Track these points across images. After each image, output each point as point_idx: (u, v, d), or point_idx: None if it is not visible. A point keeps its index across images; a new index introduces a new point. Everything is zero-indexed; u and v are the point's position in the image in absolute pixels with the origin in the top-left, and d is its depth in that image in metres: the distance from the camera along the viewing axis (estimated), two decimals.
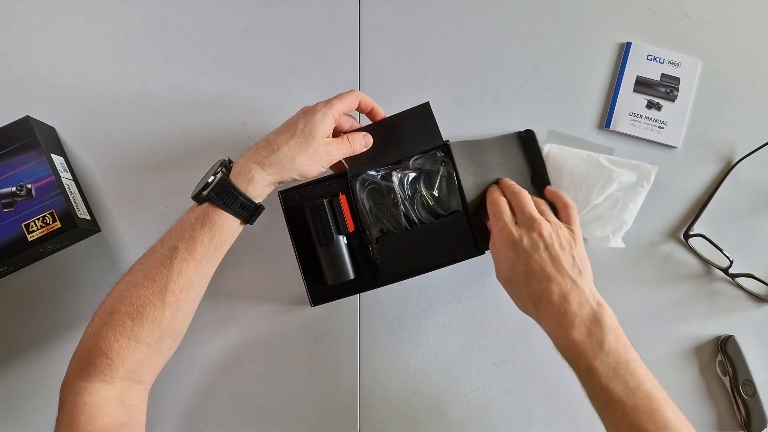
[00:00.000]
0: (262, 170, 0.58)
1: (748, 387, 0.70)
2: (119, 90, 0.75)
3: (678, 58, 0.76)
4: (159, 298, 0.55)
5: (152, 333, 0.56)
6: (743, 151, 0.74)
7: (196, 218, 0.57)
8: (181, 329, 0.60)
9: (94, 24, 0.76)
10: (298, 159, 0.58)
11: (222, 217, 0.57)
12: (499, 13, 0.77)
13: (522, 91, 0.76)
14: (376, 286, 0.67)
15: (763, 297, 0.73)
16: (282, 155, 0.58)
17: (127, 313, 0.55)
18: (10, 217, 0.66)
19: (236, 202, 0.57)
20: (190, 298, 0.58)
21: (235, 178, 0.58)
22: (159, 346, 0.58)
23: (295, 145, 0.58)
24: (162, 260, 0.56)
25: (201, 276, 0.58)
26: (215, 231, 0.57)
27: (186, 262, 0.56)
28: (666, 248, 0.74)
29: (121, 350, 0.55)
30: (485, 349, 0.72)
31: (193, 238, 0.56)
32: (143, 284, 0.56)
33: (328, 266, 0.65)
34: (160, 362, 0.60)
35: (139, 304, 0.55)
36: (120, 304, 0.56)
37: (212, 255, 0.58)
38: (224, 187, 0.57)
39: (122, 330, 0.55)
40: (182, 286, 0.56)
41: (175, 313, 0.57)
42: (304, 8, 0.77)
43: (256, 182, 0.58)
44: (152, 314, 0.55)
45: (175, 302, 0.56)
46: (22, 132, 0.68)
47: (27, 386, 0.70)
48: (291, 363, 0.71)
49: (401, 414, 0.71)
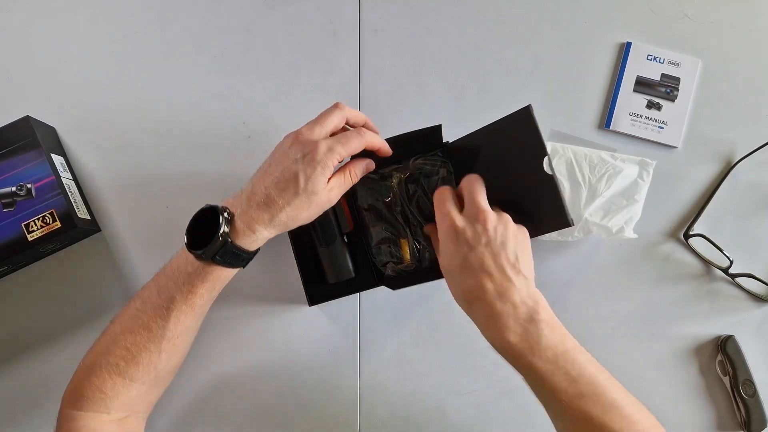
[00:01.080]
0: (266, 230, 0.56)
1: (748, 387, 0.70)
2: (119, 90, 0.75)
3: (678, 58, 0.76)
4: (155, 345, 0.56)
5: (147, 374, 0.57)
6: (743, 151, 0.74)
7: (195, 273, 0.56)
8: (177, 365, 0.61)
9: (94, 24, 0.76)
10: (301, 216, 0.56)
11: (223, 272, 0.57)
12: (499, 13, 0.77)
13: (522, 91, 0.76)
14: (374, 285, 0.67)
15: (763, 297, 0.73)
16: (285, 216, 0.55)
17: (122, 356, 0.56)
18: (10, 217, 0.66)
19: (239, 260, 0.56)
20: (186, 341, 0.59)
21: (239, 240, 0.55)
22: (155, 383, 0.59)
23: (298, 205, 0.55)
24: (158, 310, 0.56)
25: (198, 320, 0.59)
26: (216, 284, 0.57)
27: (184, 314, 0.56)
28: (666, 248, 0.74)
29: (115, 387, 0.56)
30: (485, 349, 0.72)
31: (192, 292, 0.56)
32: (139, 332, 0.56)
33: (329, 265, 0.65)
34: (156, 394, 0.62)
35: (135, 350, 0.56)
36: (115, 347, 0.56)
37: (210, 301, 0.59)
38: (229, 250, 0.55)
39: (117, 370, 0.56)
40: (179, 334, 0.57)
41: (171, 356, 0.58)
42: (304, 8, 0.77)
43: (259, 240, 0.56)
44: (148, 359, 0.56)
45: (171, 348, 0.57)
46: (22, 132, 0.68)
47: (27, 386, 0.70)
48: (290, 363, 0.71)
49: (401, 414, 0.71)
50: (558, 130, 0.75)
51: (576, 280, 0.73)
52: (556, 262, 0.72)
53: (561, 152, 0.72)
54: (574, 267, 0.73)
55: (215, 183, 0.73)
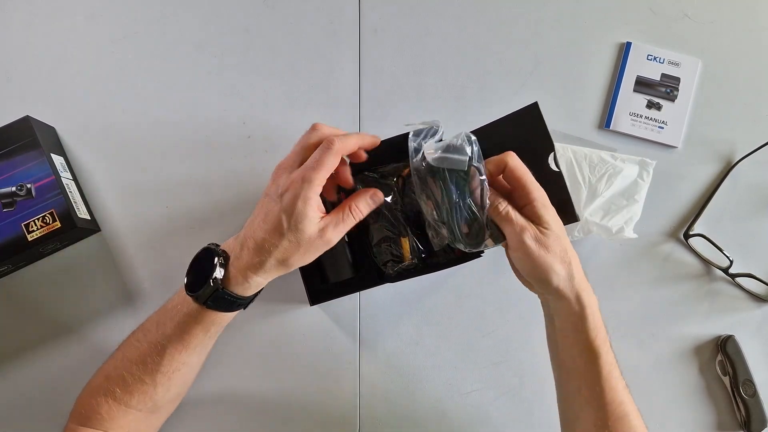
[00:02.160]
0: (259, 276, 0.53)
1: (748, 387, 0.70)
2: (119, 90, 0.75)
3: (678, 58, 0.76)
4: (150, 377, 0.56)
5: (143, 403, 0.57)
6: (743, 151, 0.74)
7: (190, 314, 0.55)
8: (179, 395, 0.61)
9: (94, 24, 0.76)
10: (293, 259, 0.53)
11: (217, 316, 0.55)
12: (499, 13, 0.77)
13: (522, 90, 0.76)
14: (374, 284, 0.67)
15: (763, 297, 0.73)
16: (275, 260, 0.52)
17: (118, 383, 0.56)
18: (10, 217, 0.66)
19: (234, 305, 0.55)
20: (185, 373, 0.58)
21: (232, 286, 0.53)
22: (154, 410, 0.59)
23: (287, 248, 0.52)
24: (154, 346, 0.55)
25: (196, 356, 0.58)
26: (212, 327, 0.56)
27: (178, 352, 0.55)
28: (666, 248, 0.74)
29: (110, 411, 0.56)
30: (485, 349, 0.72)
31: (186, 332, 0.55)
32: (136, 363, 0.56)
33: (330, 264, 0.65)
34: (159, 420, 0.61)
35: (131, 380, 0.56)
36: (114, 374, 0.57)
37: (207, 339, 0.57)
38: (221, 296, 0.53)
39: (114, 395, 0.56)
40: (174, 368, 0.56)
41: (168, 388, 0.57)
42: (304, 8, 0.77)
43: (253, 286, 0.54)
44: (142, 389, 0.56)
45: (167, 381, 0.56)
46: (22, 132, 0.67)
47: (27, 386, 0.70)
48: (291, 363, 0.71)
49: (401, 414, 0.71)
50: (558, 129, 0.75)
51: None
52: None
53: (561, 152, 0.72)
54: None
55: (215, 183, 0.73)
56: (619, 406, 0.53)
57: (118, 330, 0.70)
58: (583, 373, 0.54)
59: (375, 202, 0.56)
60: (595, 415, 0.53)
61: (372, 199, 0.56)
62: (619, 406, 0.53)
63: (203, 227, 0.72)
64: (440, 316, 0.72)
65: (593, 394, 0.53)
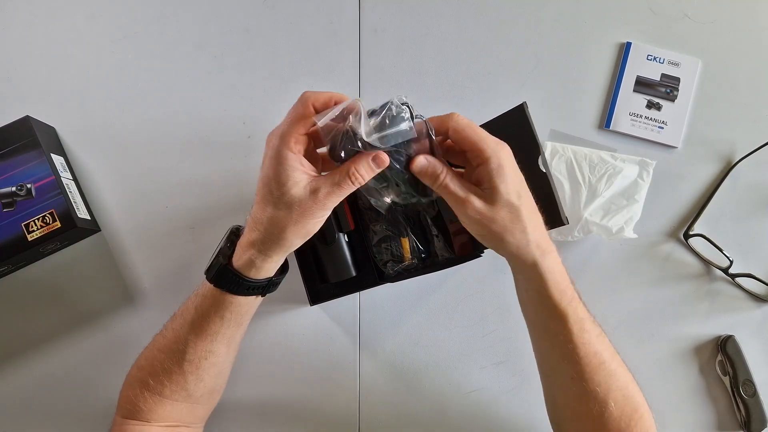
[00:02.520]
0: (262, 254, 0.51)
1: (748, 387, 0.70)
2: (119, 89, 0.75)
3: (678, 58, 0.76)
4: (177, 366, 0.55)
5: (176, 393, 0.56)
6: (743, 151, 0.74)
7: (205, 297, 0.54)
8: (215, 386, 0.60)
9: (94, 24, 0.76)
10: (288, 231, 0.49)
11: (230, 299, 0.53)
12: (499, 13, 0.77)
13: (522, 91, 0.76)
14: (375, 284, 0.67)
15: (763, 297, 0.73)
16: (272, 235, 0.49)
17: (150, 374, 0.56)
18: (10, 217, 0.66)
19: (242, 286, 0.52)
20: (214, 363, 0.57)
21: (237, 263, 0.52)
22: (193, 401, 0.58)
23: (278, 218, 0.48)
24: (178, 333, 0.55)
25: (221, 345, 0.56)
26: (225, 312, 0.53)
27: (200, 338, 0.54)
28: (666, 248, 0.74)
29: (147, 402, 0.56)
30: (485, 349, 0.72)
31: (203, 318, 0.54)
32: (164, 351, 0.56)
33: (330, 264, 0.65)
34: (202, 410, 0.61)
35: (160, 369, 0.55)
36: (145, 364, 0.57)
37: (229, 329, 0.55)
38: (225, 275, 0.52)
39: (147, 386, 0.56)
40: (200, 357, 0.55)
41: (199, 377, 0.56)
42: (304, 8, 0.77)
43: (259, 267, 0.51)
44: (172, 378, 0.55)
45: (195, 370, 0.55)
46: (22, 132, 0.68)
47: (27, 386, 0.70)
48: (291, 363, 0.71)
49: (401, 414, 0.71)
50: (558, 130, 0.75)
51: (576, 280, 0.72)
52: None
53: (561, 152, 0.72)
54: (573, 267, 0.72)
55: (215, 183, 0.73)
56: (594, 357, 0.52)
57: (118, 330, 0.70)
58: (553, 334, 0.52)
59: (378, 165, 0.48)
60: (572, 369, 0.52)
61: (375, 162, 0.48)
62: (594, 357, 0.52)
63: (203, 227, 0.72)
64: (440, 315, 0.72)
65: (566, 351, 0.52)
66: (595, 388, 0.52)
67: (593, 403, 0.52)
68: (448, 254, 0.66)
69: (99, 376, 0.70)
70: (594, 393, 0.52)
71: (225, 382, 0.62)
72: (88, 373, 0.70)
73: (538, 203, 0.53)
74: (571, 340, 0.52)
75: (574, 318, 0.52)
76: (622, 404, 0.52)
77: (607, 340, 0.54)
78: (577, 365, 0.52)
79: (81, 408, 0.70)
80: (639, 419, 0.53)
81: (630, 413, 0.53)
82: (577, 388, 0.52)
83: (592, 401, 0.52)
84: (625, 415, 0.52)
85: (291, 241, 0.50)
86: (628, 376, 0.54)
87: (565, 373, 0.53)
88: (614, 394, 0.52)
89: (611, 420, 0.52)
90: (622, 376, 0.53)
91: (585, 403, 0.52)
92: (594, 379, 0.52)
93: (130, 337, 0.70)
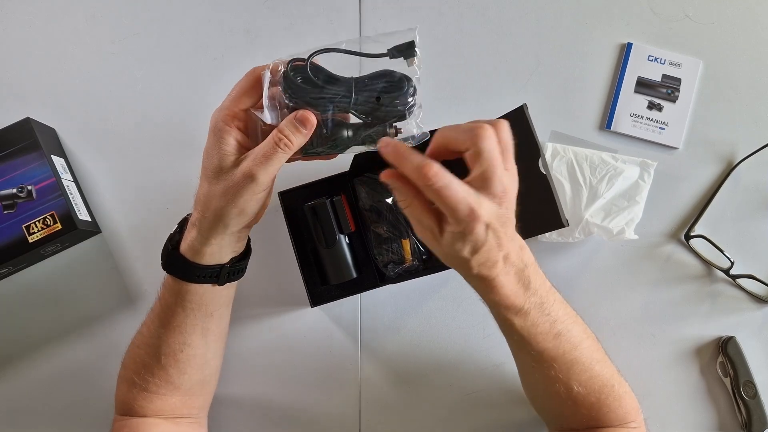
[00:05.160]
0: (201, 236, 0.48)
1: (749, 388, 0.70)
2: (119, 91, 0.75)
3: (679, 59, 0.76)
4: (155, 361, 0.55)
5: (162, 387, 0.56)
6: (744, 152, 0.74)
7: (165, 287, 0.53)
8: (203, 379, 0.59)
9: (94, 24, 0.76)
10: (220, 209, 0.46)
11: (186, 287, 0.51)
12: (499, 14, 0.77)
13: (523, 91, 0.76)
14: (376, 286, 0.67)
15: (764, 298, 0.73)
16: (207, 212, 0.47)
17: (134, 371, 0.56)
18: (11, 219, 0.66)
19: (190, 273, 0.50)
20: (193, 355, 0.55)
21: (183, 247, 0.50)
22: (181, 393, 0.57)
23: (212, 195, 0.46)
24: (150, 327, 0.55)
25: (197, 336, 0.55)
26: (185, 302, 0.52)
27: (168, 331, 0.54)
28: (667, 249, 0.74)
29: (137, 398, 0.56)
30: (486, 350, 0.72)
31: (167, 310, 0.53)
32: (142, 347, 0.56)
33: (331, 266, 0.65)
34: (196, 402, 0.60)
35: (141, 366, 0.56)
36: (129, 362, 0.57)
37: (196, 319, 0.53)
38: (174, 262, 0.50)
39: (133, 384, 0.56)
40: (175, 350, 0.54)
41: (181, 369, 0.55)
42: (304, 9, 0.76)
43: (200, 251, 0.49)
44: (154, 373, 0.55)
45: (174, 363, 0.55)
46: (23, 134, 0.67)
47: (28, 388, 0.70)
48: (292, 364, 0.71)
49: (402, 415, 0.71)
50: (559, 131, 0.74)
51: (577, 281, 0.73)
52: (557, 264, 0.72)
53: (562, 153, 0.72)
54: (574, 268, 0.73)
55: None
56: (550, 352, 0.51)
57: (119, 331, 0.70)
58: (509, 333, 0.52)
59: (303, 124, 0.45)
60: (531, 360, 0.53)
61: (299, 122, 0.44)
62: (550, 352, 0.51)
63: None
64: (441, 317, 0.72)
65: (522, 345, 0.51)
66: (557, 375, 0.52)
67: (559, 385, 0.53)
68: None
69: (100, 377, 0.70)
70: (556, 378, 0.52)
71: (215, 373, 0.62)
72: (89, 374, 0.70)
73: (538, 205, 0.52)
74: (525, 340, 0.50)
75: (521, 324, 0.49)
76: (586, 383, 0.53)
77: (574, 330, 0.52)
78: (535, 356, 0.52)
79: (82, 409, 0.70)
80: (610, 390, 0.54)
81: (598, 388, 0.54)
82: (540, 374, 0.53)
83: (558, 384, 0.53)
84: (594, 391, 0.53)
85: (226, 220, 0.47)
86: (594, 356, 0.54)
87: (526, 362, 0.55)
88: (576, 376, 0.53)
89: (580, 397, 0.53)
90: (586, 359, 0.53)
91: (552, 386, 0.53)
92: (553, 366, 0.52)
93: (130, 338, 0.69)
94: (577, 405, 0.54)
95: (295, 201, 0.66)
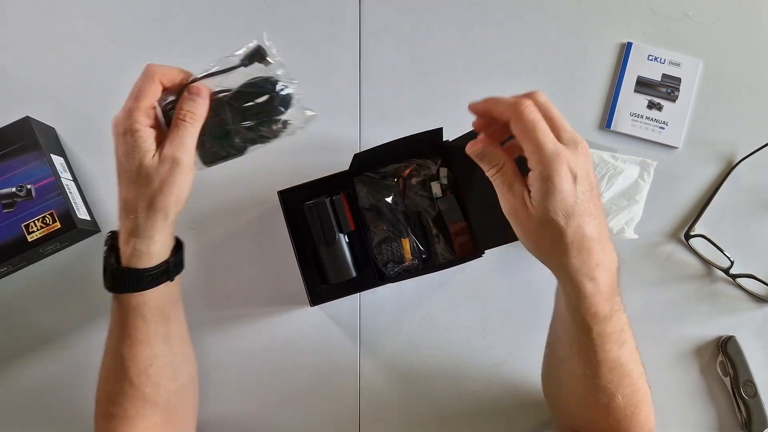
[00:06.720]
0: (145, 239, 0.49)
1: (748, 387, 0.70)
2: (119, 90, 0.74)
3: (679, 59, 0.76)
4: (128, 384, 0.53)
5: (142, 408, 0.54)
6: (744, 152, 0.74)
7: (118, 309, 0.52)
8: (180, 387, 0.58)
9: (94, 24, 0.76)
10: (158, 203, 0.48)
11: (139, 298, 0.51)
12: (499, 14, 0.77)
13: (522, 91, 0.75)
14: (375, 285, 0.67)
15: (764, 297, 0.73)
16: (145, 212, 0.48)
17: (109, 403, 0.54)
18: (10, 218, 0.66)
19: (143, 280, 0.50)
20: (163, 365, 0.55)
21: (126, 261, 0.50)
22: (161, 409, 0.56)
23: (145, 195, 0.48)
24: (114, 353, 0.54)
25: (161, 345, 0.54)
26: (144, 311, 0.52)
27: (134, 348, 0.52)
28: (667, 249, 0.74)
29: (117, 429, 0.54)
30: (486, 350, 0.72)
31: (126, 328, 0.52)
32: (111, 375, 0.54)
33: (331, 265, 0.65)
34: (179, 416, 0.59)
35: (114, 394, 0.54)
36: (102, 395, 0.56)
37: (157, 327, 0.53)
38: (122, 278, 0.50)
39: (111, 416, 0.54)
40: (145, 365, 0.53)
41: (156, 383, 0.54)
42: (304, 8, 0.77)
43: (147, 253, 0.50)
44: (129, 397, 0.53)
45: (147, 380, 0.53)
46: (22, 132, 0.67)
47: (28, 387, 0.70)
48: (291, 364, 0.71)
49: (402, 414, 0.71)
50: None
51: None
52: None
53: None
54: None
55: (215, 183, 0.72)
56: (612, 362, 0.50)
57: None
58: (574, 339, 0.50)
59: (195, 92, 0.50)
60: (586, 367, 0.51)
61: (190, 93, 0.49)
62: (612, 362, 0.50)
63: (203, 227, 0.72)
64: (441, 316, 0.72)
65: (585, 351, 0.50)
66: (606, 385, 0.51)
67: (602, 395, 0.52)
68: (449, 255, 0.66)
69: None
70: (604, 388, 0.51)
71: (191, 382, 0.61)
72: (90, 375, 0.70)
73: None
74: (593, 348, 0.49)
75: (600, 331, 0.49)
76: (630, 396, 0.52)
77: (633, 347, 0.52)
78: (593, 365, 0.51)
79: (82, 410, 0.69)
80: (644, 405, 0.53)
81: (636, 402, 0.53)
82: (589, 382, 0.52)
83: (601, 394, 0.52)
84: (631, 404, 0.52)
85: (166, 211, 0.49)
86: (641, 368, 0.54)
87: (578, 368, 0.52)
88: (624, 388, 0.52)
89: (618, 408, 0.52)
90: (636, 372, 0.52)
91: (593, 395, 0.52)
92: (607, 377, 0.51)
93: None
94: (609, 414, 0.52)
95: (295, 200, 0.66)
